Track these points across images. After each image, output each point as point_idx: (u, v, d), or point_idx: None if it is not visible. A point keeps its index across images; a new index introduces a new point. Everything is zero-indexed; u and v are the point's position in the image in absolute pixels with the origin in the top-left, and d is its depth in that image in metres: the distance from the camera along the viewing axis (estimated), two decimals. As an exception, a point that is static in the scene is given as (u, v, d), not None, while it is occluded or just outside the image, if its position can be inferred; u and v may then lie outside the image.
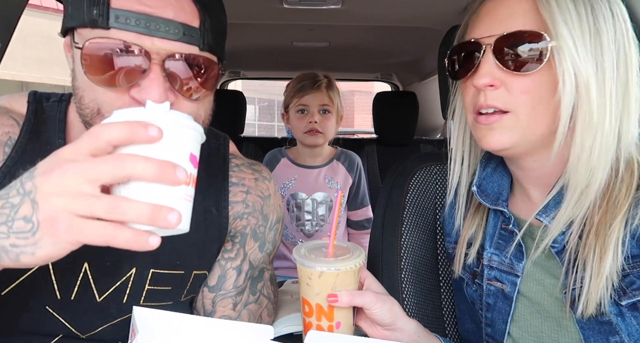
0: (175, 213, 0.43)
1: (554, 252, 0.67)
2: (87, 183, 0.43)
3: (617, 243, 0.60)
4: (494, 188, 0.76)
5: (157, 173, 0.43)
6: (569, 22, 0.58)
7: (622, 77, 0.60)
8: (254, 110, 17.48)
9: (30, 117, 0.74)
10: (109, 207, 0.42)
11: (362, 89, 16.23)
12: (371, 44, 2.15)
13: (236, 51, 2.25)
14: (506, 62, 0.62)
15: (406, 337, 0.72)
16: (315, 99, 1.73)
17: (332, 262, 0.66)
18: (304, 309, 0.70)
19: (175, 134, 0.47)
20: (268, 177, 0.92)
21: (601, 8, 0.60)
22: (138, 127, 0.44)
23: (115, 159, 0.44)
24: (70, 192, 0.43)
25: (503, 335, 0.74)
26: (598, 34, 0.59)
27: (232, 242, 0.84)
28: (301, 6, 1.52)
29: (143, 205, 0.43)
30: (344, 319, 0.70)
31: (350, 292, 0.67)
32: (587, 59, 0.58)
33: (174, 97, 0.63)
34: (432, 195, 0.95)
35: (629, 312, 0.61)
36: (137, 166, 0.43)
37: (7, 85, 11.45)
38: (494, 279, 0.75)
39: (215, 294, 0.82)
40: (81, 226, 0.43)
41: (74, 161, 0.44)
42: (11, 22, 1.04)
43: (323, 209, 1.77)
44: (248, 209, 0.85)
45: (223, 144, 0.90)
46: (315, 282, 0.67)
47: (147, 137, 0.44)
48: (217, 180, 0.84)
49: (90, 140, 0.44)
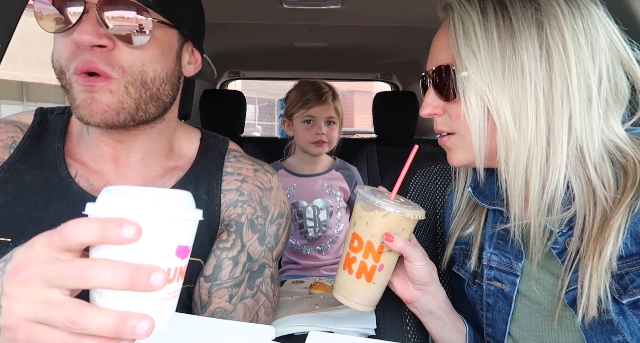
0: (146, 322, 0.39)
1: (555, 253, 0.67)
2: (53, 288, 0.41)
3: (616, 242, 0.60)
4: (492, 189, 0.76)
5: (126, 283, 0.39)
6: (476, 54, 0.63)
7: (557, 97, 0.62)
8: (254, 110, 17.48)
9: (34, 126, 0.81)
10: (71, 318, 0.39)
11: (362, 89, 16.23)
12: (371, 44, 2.15)
13: (236, 51, 2.25)
14: (440, 92, 0.70)
15: (435, 302, 0.78)
16: (322, 111, 1.78)
17: (397, 205, 0.71)
18: (351, 244, 0.74)
19: (160, 229, 0.42)
20: (272, 171, 0.92)
21: (527, 42, 0.62)
22: (112, 226, 0.40)
23: (81, 267, 0.40)
24: (34, 298, 0.41)
25: (504, 335, 0.74)
26: (515, 64, 0.62)
27: (227, 231, 0.84)
28: (301, 6, 1.52)
29: (108, 315, 0.39)
30: (388, 264, 0.74)
31: (404, 239, 0.71)
32: (496, 86, 0.63)
33: (107, 40, 0.66)
34: (432, 195, 0.95)
35: (630, 311, 0.61)
36: (105, 275, 0.39)
37: (7, 85, 11.46)
38: (493, 279, 0.75)
39: (211, 284, 0.82)
40: (42, 335, 0.41)
41: (43, 263, 0.41)
42: (11, 22, 1.04)
43: (324, 215, 1.79)
44: (243, 197, 0.86)
45: (222, 141, 0.92)
46: (376, 220, 0.71)
47: (121, 239, 0.40)
48: (212, 170, 0.86)
49: (61, 241, 0.41)
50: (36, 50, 10.05)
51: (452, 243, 0.83)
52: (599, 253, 0.60)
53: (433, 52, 0.72)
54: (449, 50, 0.67)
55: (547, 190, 0.64)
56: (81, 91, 0.68)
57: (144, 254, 0.42)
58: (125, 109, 0.70)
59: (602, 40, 0.63)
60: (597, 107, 0.62)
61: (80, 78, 0.67)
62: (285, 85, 1.77)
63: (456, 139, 0.71)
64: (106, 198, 0.43)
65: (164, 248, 0.43)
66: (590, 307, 0.61)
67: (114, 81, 0.68)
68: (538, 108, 0.62)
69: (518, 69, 0.62)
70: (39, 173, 0.76)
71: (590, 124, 0.62)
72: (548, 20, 0.62)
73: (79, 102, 0.69)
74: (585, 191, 0.64)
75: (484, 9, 0.65)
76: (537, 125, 0.62)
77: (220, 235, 0.85)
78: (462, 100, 0.65)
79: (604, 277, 0.60)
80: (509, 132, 0.63)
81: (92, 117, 0.68)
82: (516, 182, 0.65)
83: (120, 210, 0.42)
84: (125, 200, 0.42)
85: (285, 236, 0.91)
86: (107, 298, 0.42)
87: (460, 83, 0.65)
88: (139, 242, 0.40)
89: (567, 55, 0.61)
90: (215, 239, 0.84)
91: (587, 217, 0.63)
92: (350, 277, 0.73)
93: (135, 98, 0.71)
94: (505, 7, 0.64)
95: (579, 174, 0.64)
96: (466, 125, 0.66)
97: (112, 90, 0.68)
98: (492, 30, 0.63)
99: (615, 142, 0.64)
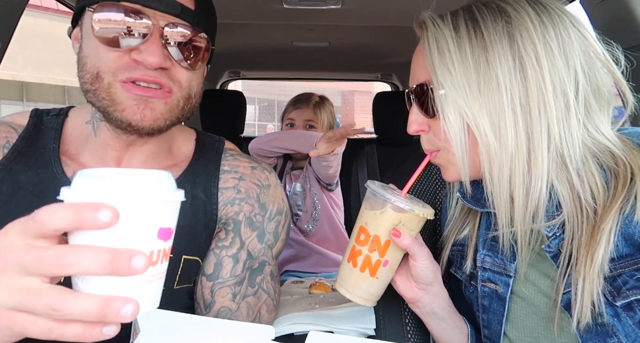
0: (131, 304, 0.39)
1: (550, 257, 0.67)
2: (31, 276, 0.40)
3: (607, 244, 0.60)
4: (483, 192, 0.76)
5: (106, 268, 0.38)
6: (451, 71, 0.64)
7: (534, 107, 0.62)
8: (254, 110, 17.49)
9: (29, 127, 0.81)
10: (51, 305, 0.39)
11: (362, 89, 16.24)
12: (371, 44, 2.15)
13: (236, 51, 2.25)
14: (422, 109, 0.70)
15: (438, 302, 0.78)
16: (301, 114, 1.92)
17: (408, 201, 0.71)
18: (357, 237, 0.74)
19: (138, 212, 0.41)
20: (269, 169, 0.93)
21: (499, 55, 0.63)
22: (87, 211, 0.39)
23: (58, 255, 0.39)
24: (12, 286, 0.40)
25: (499, 337, 0.74)
26: (490, 77, 0.63)
27: (226, 230, 0.85)
28: (301, 6, 1.52)
29: (90, 300, 0.39)
30: (392, 261, 0.74)
31: (411, 236, 0.71)
32: (473, 101, 0.63)
33: (170, 63, 0.72)
34: (432, 195, 0.95)
35: (624, 313, 0.61)
36: (83, 261, 0.38)
37: (7, 85, 11.46)
38: (487, 280, 0.75)
39: (213, 283, 0.82)
40: (24, 322, 0.40)
41: (18, 250, 0.40)
42: (11, 22, 1.05)
43: (299, 199, 1.86)
44: (240, 195, 0.86)
45: (218, 141, 0.94)
46: (386, 215, 0.71)
47: (97, 224, 0.39)
48: (209, 169, 0.87)
49: (35, 227, 0.40)
50: (36, 50, 10.06)
51: (448, 246, 0.84)
52: (591, 257, 0.60)
53: (413, 70, 0.73)
54: (425, 68, 0.68)
55: (531, 198, 0.64)
56: (130, 98, 0.70)
57: (124, 238, 0.41)
58: (172, 117, 0.75)
59: (576, 45, 0.63)
60: (576, 113, 0.63)
61: (133, 87, 0.70)
62: (285, 85, 1.79)
63: (443, 155, 0.71)
64: (81, 182, 0.42)
65: (144, 231, 0.42)
66: (584, 311, 0.61)
67: (172, 95, 0.74)
68: (516, 119, 0.62)
69: (493, 82, 0.62)
70: (33, 173, 0.76)
71: (570, 130, 0.62)
72: (519, 32, 0.63)
73: (125, 107, 0.70)
74: (570, 196, 0.64)
75: (456, 26, 0.66)
76: (516, 136, 0.62)
77: (219, 233, 0.85)
78: (442, 118, 0.66)
79: (596, 281, 0.60)
80: (490, 145, 0.63)
81: (142, 122, 0.71)
82: (501, 193, 0.65)
83: (96, 193, 0.41)
84: (100, 183, 0.41)
85: (285, 233, 0.91)
86: (90, 283, 0.41)
87: (439, 101, 0.66)
88: (118, 225, 0.39)
89: (540, 65, 0.62)
90: (213, 238, 0.84)
91: (575, 221, 0.64)
92: (354, 271, 0.74)
93: (181, 109, 0.76)
94: (477, 23, 0.65)
95: (562, 180, 0.64)
96: (449, 142, 0.66)
97: (167, 102, 0.73)
98: (465, 46, 0.64)
99: (603, 143, 0.64)
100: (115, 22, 0.70)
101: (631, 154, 0.63)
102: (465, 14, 0.67)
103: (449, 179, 0.74)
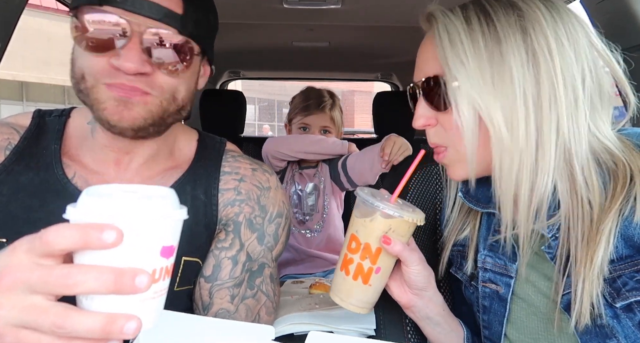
0: (133, 322, 0.40)
1: (549, 257, 0.67)
2: (37, 294, 0.41)
3: (607, 246, 0.60)
4: (484, 192, 0.76)
5: (110, 288, 0.40)
6: (465, 63, 0.63)
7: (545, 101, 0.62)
8: (254, 110, 17.49)
9: (32, 128, 0.81)
10: (56, 323, 0.40)
11: (362, 89, 16.24)
12: (371, 44, 2.15)
13: (236, 51, 2.25)
14: (432, 103, 0.69)
15: (432, 307, 0.77)
16: (317, 120, 1.82)
17: (397, 208, 0.70)
18: (349, 245, 0.74)
19: (142, 231, 0.42)
20: (270, 171, 0.93)
21: (513, 48, 0.62)
22: (92, 232, 0.40)
23: (64, 274, 0.40)
24: (19, 304, 0.41)
25: (500, 337, 0.74)
26: (504, 70, 0.62)
27: (225, 231, 0.85)
28: (301, 6, 1.52)
29: (94, 318, 0.40)
30: (385, 267, 0.73)
31: (402, 243, 0.70)
32: (487, 94, 0.62)
33: (150, 68, 0.69)
34: (432, 196, 0.95)
35: (623, 314, 0.61)
36: (88, 281, 0.40)
37: (7, 85, 11.46)
38: (488, 281, 0.75)
39: (212, 284, 0.82)
40: (29, 339, 0.41)
41: (25, 269, 0.41)
42: (11, 22, 1.05)
43: (312, 199, 1.82)
44: (240, 196, 0.86)
45: (220, 142, 0.93)
46: (375, 222, 0.70)
47: (102, 244, 0.40)
48: (209, 170, 0.86)
49: (42, 247, 0.41)
50: (36, 50, 10.06)
51: (448, 247, 0.83)
52: (591, 259, 0.60)
53: (419, 64, 0.71)
54: (436, 60, 0.66)
55: (536, 194, 0.64)
56: (111, 98, 0.69)
57: (127, 257, 0.42)
58: (154, 117, 0.73)
59: (583, 42, 0.64)
60: (584, 108, 0.63)
61: (115, 88, 0.69)
62: (285, 85, 1.78)
63: (451, 154, 0.70)
64: (86, 201, 0.43)
65: (147, 250, 0.43)
66: (583, 312, 0.61)
67: (151, 97, 0.72)
68: (528, 113, 0.62)
69: (507, 75, 0.62)
70: (34, 174, 0.76)
71: (578, 126, 0.62)
72: (532, 26, 0.62)
73: (106, 106, 0.70)
74: (570, 193, 0.64)
75: (467, 18, 0.65)
76: (527, 130, 0.62)
77: (219, 235, 0.85)
78: (455, 110, 0.64)
79: (596, 283, 0.60)
80: (503, 139, 0.63)
81: (120, 122, 0.70)
82: (508, 188, 0.65)
83: (101, 213, 0.42)
84: (105, 202, 0.42)
85: (285, 236, 0.91)
86: (94, 301, 0.42)
87: (452, 93, 0.64)
88: (122, 245, 0.41)
89: (553, 58, 0.61)
90: (213, 239, 0.84)
91: (572, 220, 0.63)
92: (347, 279, 0.73)
93: (164, 109, 0.74)
94: (488, 15, 0.64)
95: (564, 177, 0.64)
96: (459, 136, 0.65)
97: (148, 103, 0.72)
98: (477, 38, 0.63)
99: (603, 143, 0.64)
100: (95, 27, 0.68)
101: (630, 155, 0.63)
102: (475, 7, 0.66)
103: (456, 178, 0.73)
